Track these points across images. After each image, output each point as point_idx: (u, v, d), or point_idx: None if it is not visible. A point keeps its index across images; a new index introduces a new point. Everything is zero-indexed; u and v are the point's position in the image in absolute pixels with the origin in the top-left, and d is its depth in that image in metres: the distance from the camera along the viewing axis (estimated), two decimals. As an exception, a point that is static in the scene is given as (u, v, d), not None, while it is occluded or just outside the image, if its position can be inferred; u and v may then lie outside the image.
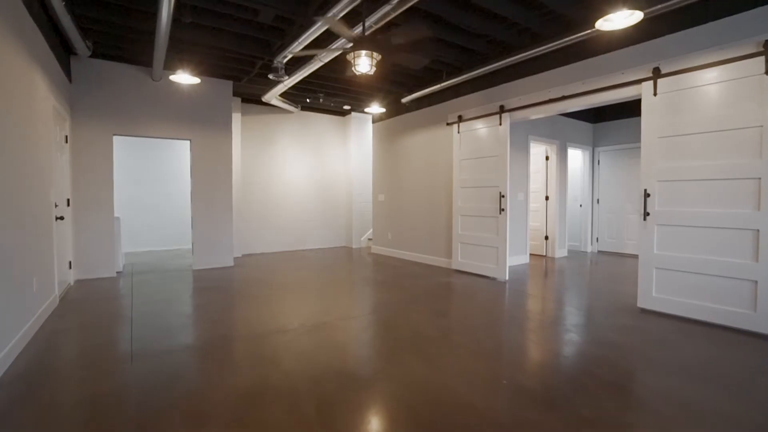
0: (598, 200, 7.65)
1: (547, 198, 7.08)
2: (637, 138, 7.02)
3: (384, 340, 2.98)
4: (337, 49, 3.47)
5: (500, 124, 5.02)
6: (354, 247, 8.51)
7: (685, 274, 3.44)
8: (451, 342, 2.92)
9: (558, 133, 6.94)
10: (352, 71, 3.41)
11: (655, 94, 3.58)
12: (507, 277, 5.05)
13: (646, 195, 3.64)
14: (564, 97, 4.34)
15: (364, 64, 3.35)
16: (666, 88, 3.52)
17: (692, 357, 2.64)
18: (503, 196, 4.99)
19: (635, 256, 6.97)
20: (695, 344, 2.87)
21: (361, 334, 3.10)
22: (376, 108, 6.58)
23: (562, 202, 7.07)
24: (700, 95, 3.33)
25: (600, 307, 3.85)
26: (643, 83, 3.66)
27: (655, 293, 3.63)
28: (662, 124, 3.55)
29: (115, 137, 7.19)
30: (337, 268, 5.98)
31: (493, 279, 5.16)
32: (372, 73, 3.42)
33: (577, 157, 7.85)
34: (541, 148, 7.09)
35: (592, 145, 7.65)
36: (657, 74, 3.56)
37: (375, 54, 3.33)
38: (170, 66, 5.23)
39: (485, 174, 5.24)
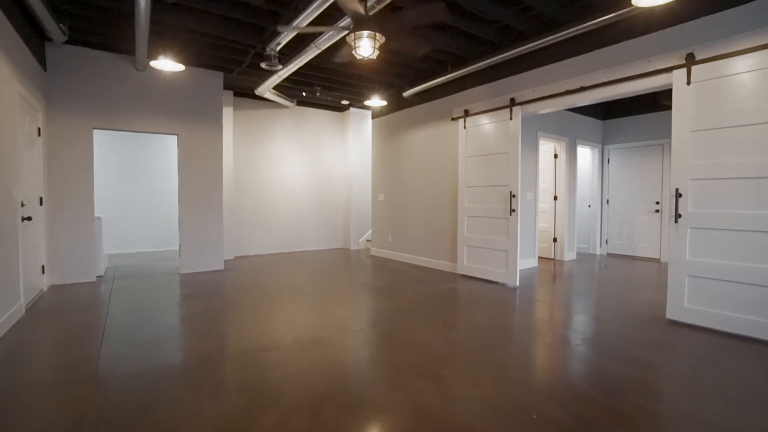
0: (607, 200, 7.31)
1: (555, 198, 6.73)
2: (649, 135, 6.69)
3: (388, 359, 2.61)
4: (343, 27, 3.10)
5: (511, 119, 4.67)
6: (352, 248, 8.13)
7: (723, 283, 3.09)
8: (465, 362, 2.55)
9: (567, 130, 6.60)
10: (353, 54, 3.04)
11: (688, 83, 3.23)
12: (517, 283, 4.69)
13: (678, 195, 3.29)
14: (582, 89, 3.99)
15: (365, 46, 2.98)
16: (701, 76, 3.17)
17: (743, 379, 2.29)
18: (514, 196, 4.64)
19: (647, 259, 6.64)
20: (742, 363, 2.52)
21: (362, 352, 2.73)
22: (376, 101, 6.20)
23: (571, 203, 6.73)
24: (741, 84, 2.98)
25: (624, 318, 3.50)
26: (675, 71, 3.31)
27: (687, 304, 3.29)
28: (696, 116, 3.20)
29: (95, 131, 6.78)
30: (334, 272, 5.61)
31: (502, 285, 4.80)
32: (374, 57, 3.05)
33: (585, 156, 7.51)
34: (549, 145, 6.75)
35: (602, 142, 7.32)
36: (691, 61, 3.21)
37: (378, 36, 2.96)
38: (155, 54, 4.83)
39: (494, 172, 4.88)
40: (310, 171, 7.97)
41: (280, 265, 6.26)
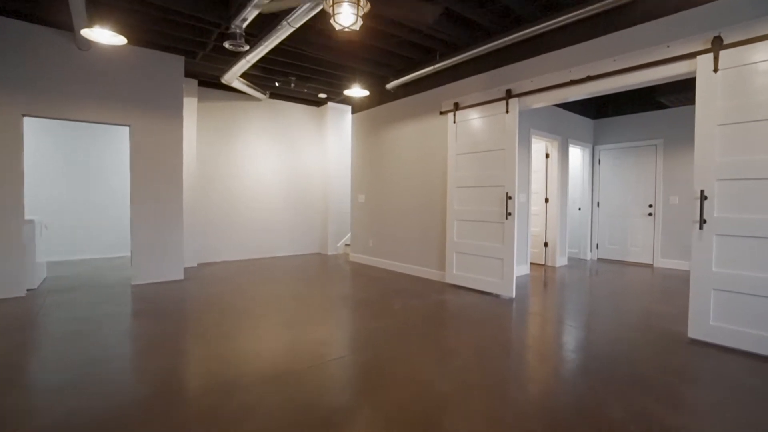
0: (598, 203, 7.01)
1: (546, 200, 6.36)
2: (643, 136, 6.41)
3: (376, 403, 2.07)
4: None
5: (507, 112, 4.22)
6: (329, 253, 7.55)
7: (756, 299, 2.70)
8: (472, 405, 2.04)
9: (560, 129, 6.24)
10: (332, 24, 2.49)
11: (715, 70, 2.84)
12: (513, 294, 4.24)
13: (703, 198, 2.89)
14: (589, 78, 3.57)
15: (346, 14, 2.45)
16: (730, 62, 2.79)
17: (812, 425, 1.88)
18: (510, 198, 4.19)
19: (640, 265, 6.35)
20: (798, 400, 2.11)
21: (344, 393, 2.18)
22: (357, 90, 5.64)
23: (563, 205, 6.37)
24: (778, 70, 2.61)
25: (641, 338, 3.08)
26: (699, 57, 2.92)
27: (712, 321, 2.89)
28: (724, 107, 2.81)
29: (26, 119, 6.01)
30: (309, 282, 5.03)
31: (497, 296, 4.35)
32: (357, 29, 2.52)
33: (575, 156, 7.19)
34: (540, 144, 6.37)
35: (593, 142, 7.01)
36: (719, 45, 2.82)
37: (362, 1, 2.43)
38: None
39: (488, 171, 4.43)
40: (284, 170, 7.35)
41: (248, 273, 5.62)
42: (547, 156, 6.34)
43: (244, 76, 5.80)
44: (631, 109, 6.51)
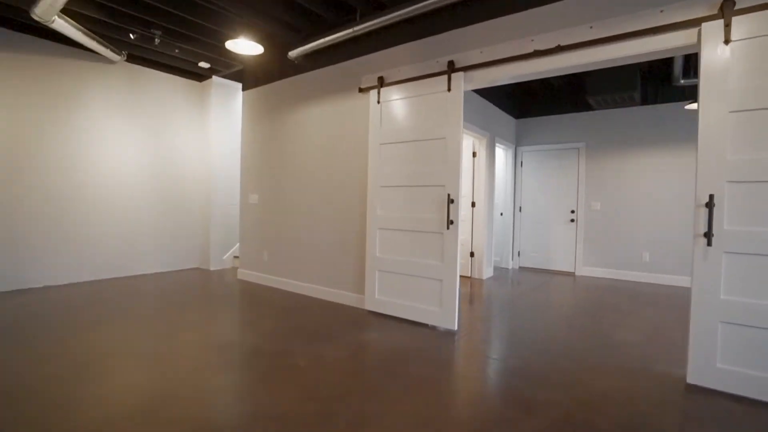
0: (520, 208, 6.60)
1: (473, 204, 5.67)
2: (566, 138, 6.12)
3: None
4: None
5: (449, 90, 3.28)
6: (212, 269, 5.92)
7: (779, 337, 2.11)
8: None
9: (489, 124, 5.61)
10: None
11: (726, 42, 2.21)
12: (456, 326, 3.31)
13: (711, 205, 2.24)
14: (560, 48, 2.79)
15: None
16: (744, 31, 2.18)
17: None
18: (453, 201, 3.25)
19: (563, 273, 6.04)
20: None
21: None
22: (245, 44, 4.14)
23: (489, 211, 5.75)
24: (806, 44, 2.04)
25: (630, 387, 2.34)
26: (704, 24, 2.28)
27: (720, 363, 2.26)
28: (738, 89, 2.19)
29: None
30: (178, 318, 3.49)
31: (433, 328, 3.38)
32: None
33: (499, 156, 6.69)
34: (467, 141, 5.67)
35: (515, 143, 6.58)
36: (730, 10, 2.20)
37: None
38: None
39: (422, 166, 3.44)
40: (150, 160, 5.52)
41: (81, 306, 3.81)
42: (474, 155, 5.65)
43: (79, 19, 3.99)
44: (554, 110, 6.19)
